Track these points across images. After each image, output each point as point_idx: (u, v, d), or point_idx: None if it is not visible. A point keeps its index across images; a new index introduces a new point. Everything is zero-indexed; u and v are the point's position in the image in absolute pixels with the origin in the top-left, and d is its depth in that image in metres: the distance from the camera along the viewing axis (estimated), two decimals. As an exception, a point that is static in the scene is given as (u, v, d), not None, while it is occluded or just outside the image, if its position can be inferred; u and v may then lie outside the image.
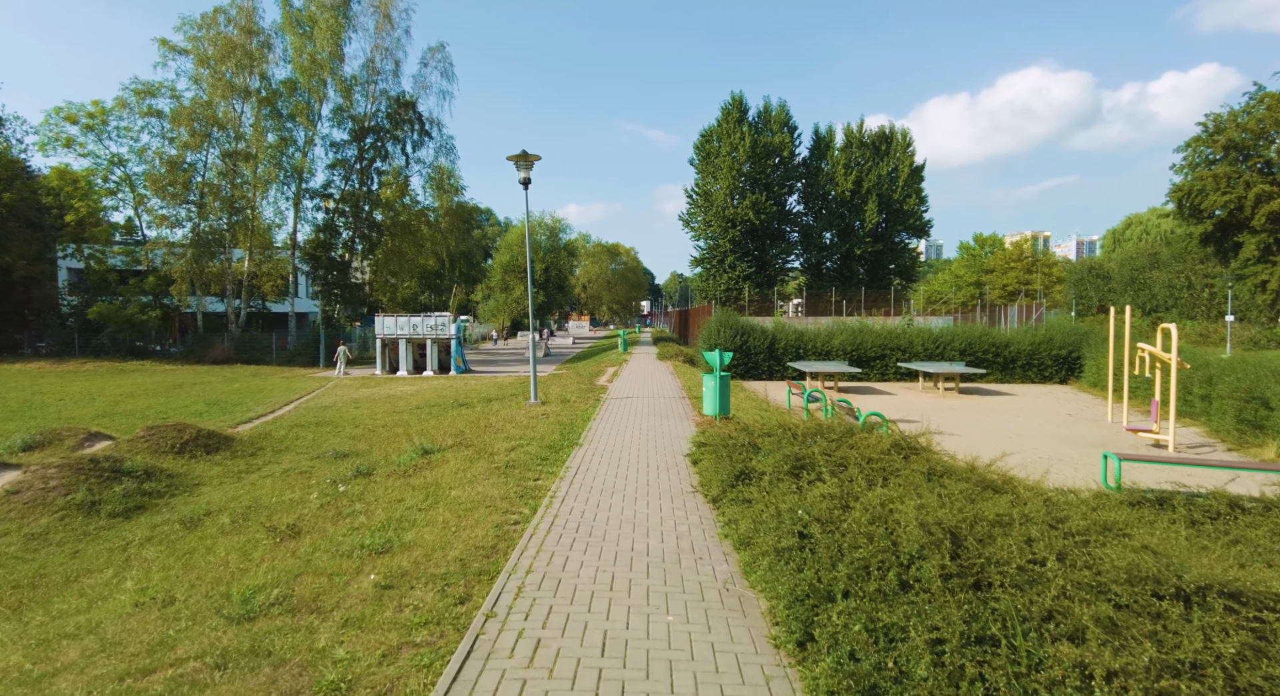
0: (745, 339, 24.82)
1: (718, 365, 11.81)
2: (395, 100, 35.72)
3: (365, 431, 17.56)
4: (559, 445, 9.91)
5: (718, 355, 11.84)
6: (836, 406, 14.54)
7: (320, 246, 36.56)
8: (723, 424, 11.71)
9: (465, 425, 14.49)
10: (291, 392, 26.13)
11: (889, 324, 26.98)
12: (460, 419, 16.52)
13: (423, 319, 30.99)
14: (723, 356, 11.88)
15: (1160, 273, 45.95)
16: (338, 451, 14.02)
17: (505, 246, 56.57)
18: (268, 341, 35.64)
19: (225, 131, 33.69)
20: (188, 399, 24.18)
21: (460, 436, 11.81)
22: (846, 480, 6.20)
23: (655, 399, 15.56)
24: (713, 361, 11.94)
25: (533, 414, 13.32)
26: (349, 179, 35.67)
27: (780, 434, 7.96)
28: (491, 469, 8.54)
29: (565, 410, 13.57)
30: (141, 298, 33.93)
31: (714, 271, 52.54)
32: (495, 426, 12.12)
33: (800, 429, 8.28)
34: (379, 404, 22.73)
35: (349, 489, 9.23)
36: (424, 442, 11.31)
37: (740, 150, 51.08)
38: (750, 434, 8.35)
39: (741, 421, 11.62)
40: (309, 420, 20.19)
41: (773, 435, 8.01)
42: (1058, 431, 15.41)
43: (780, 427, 8.33)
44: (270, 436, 17.91)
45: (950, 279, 66.08)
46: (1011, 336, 24.94)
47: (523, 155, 14.38)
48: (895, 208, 53.46)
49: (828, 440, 7.49)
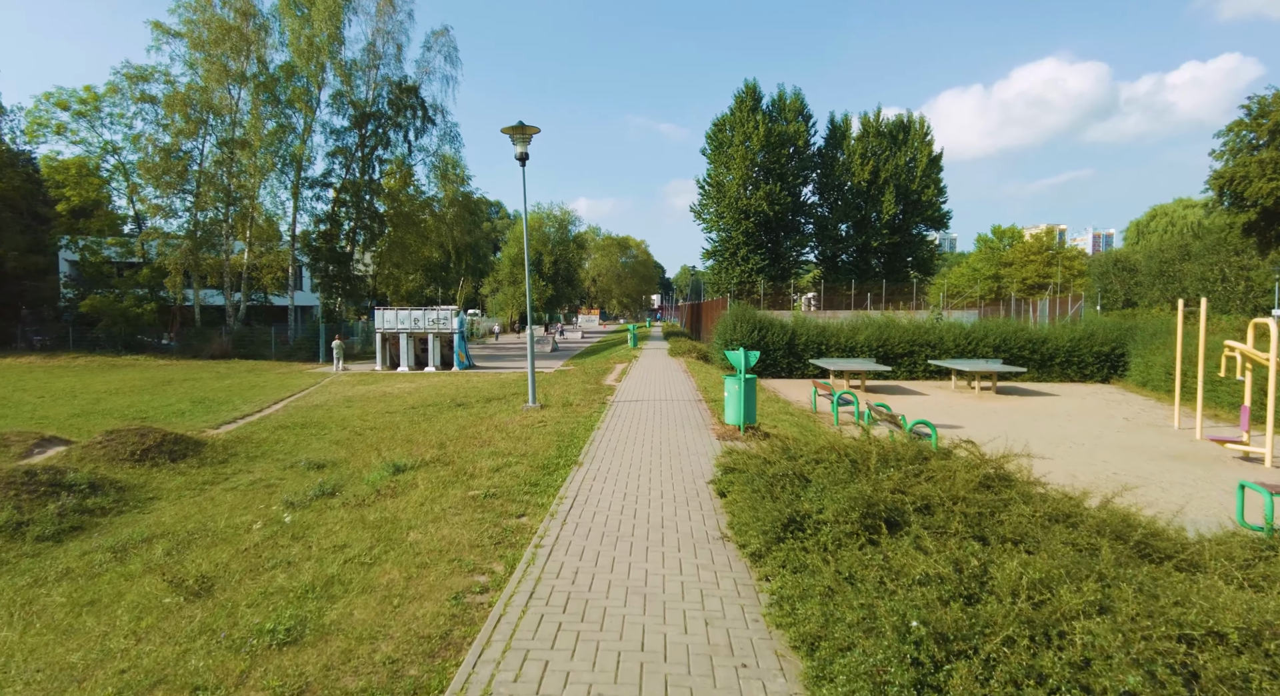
0: (763, 334, 22.93)
1: (742, 366, 9.98)
2: (397, 85, 33.91)
3: (351, 435, 15.93)
4: (554, 464, 8.12)
5: (742, 355, 10.00)
6: (874, 411, 12.66)
7: (321, 237, 34.90)
8: (749, 436, 9.89)
9: (455, 431, 12.74)
10: (284, 390, 24.52)
11: (916, 318, 24.99)
12: (452, 423, 14.80)
13: (424, 313, 29.29)
14: (748, 356, 10.05)
15: (1192, 265, 43.58)
16: (311, 461, 12.31)
17: (514, 239, 54.77)
18: (267, 335, 34.08)
19: (221, 118, 32.04)
20: (173, 396, 22.59)
21: (442, 449, 10.05)
22: (948, 539, 4.37)
23: (668, 402, 13.73)
24: (736, 362, 10.10)
25: (529, 420, 11.54)
26: (350, 167, 33.96)
27: (833, 459, 6.13)
28: (467, 499, 6.76)
29: (566, 416, 11.77)
30: (137, 290, 32.42)
31: (726, 264, 50.56)
32: (483, 437, 10.34)
33: (854, 450, 6.45)
34: (373, 403, 21.09)
35: (299, 518, 7.49)
36: (398, 457, 9.58)
37: (754, 139, 49.02)
38: (791, 456, 6.52)
39: (774, 435, 9.80)
40: (296, 421, 18.57)
41: (823, 461, 6.18)
42: (1121, 439, 13.47)
43: (830, 449, 6.50)
44: (249, 440, 16.29)
45: (968, 272, 63.73)
46: (1049, 332, 22.92)
47: (519, 127, 12.56)
48: (913, 199, 51.27)
49: (899, 472, 5.65)
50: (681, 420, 11.50)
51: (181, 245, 31.14)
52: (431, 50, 34.90)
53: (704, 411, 12.59)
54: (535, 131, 12.72)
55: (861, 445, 6.74)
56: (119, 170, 32.57)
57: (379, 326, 29.47)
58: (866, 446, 6.70)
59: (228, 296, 34.42)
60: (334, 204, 34.50)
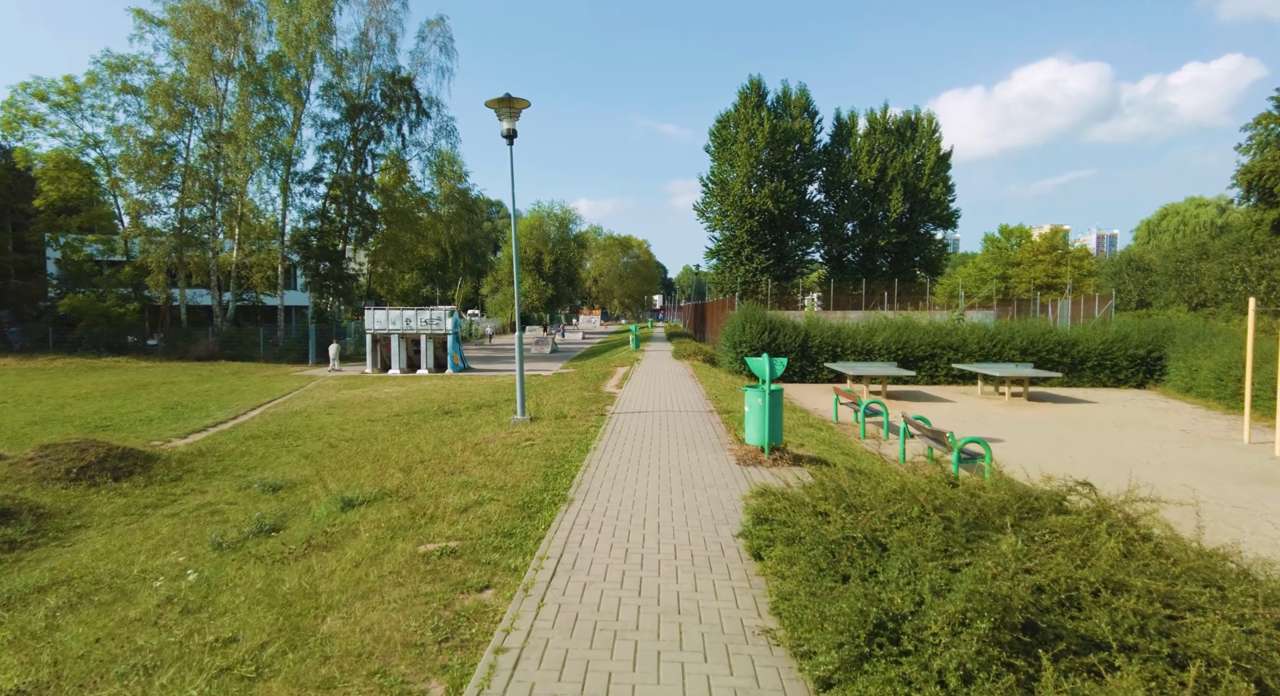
0: (774, 336, 21.17)
1: (767, 376, 8.22)
2: (390, 77, 32.17)
3: (325, 448, 14.27)
4: (537, 502, 6.38)
5: (766, 363, 8.25)
6: (911, 426, 10.90)
7: (312, 235, 33.19)
8: (777, 461, 8.14)
9: (431, 450, 11.00)
10: (266, 394, 22.83)
11: (936, 319, 23.23)
12: (433, 436, 13.09)
13: (416, 313, 27.57)
14: (773, 364, 8.30)
15: (1210, 264, 41.71)
16: (267, 483, 10.60)
17: (513, 238, 52.97)
18: (256, 336, 32.36)
19: (207, 110, 30.33)
20: (145, 402, 20.90)
21: (407, 476, 8.31)
22: (1132, 665, 2.64)
23: (675, 413, 11.97)
24: (759, 370, 8.36)
25: (515, 437, 9.79)
26: (341, 162, 32.24)
27: (914, 514, 4.38)
28: (417, 558, 5.02)
29: (558, 432, 10.02)
30: (120, 290, 30.70)
31: (730, 263, 48.79)
32: (457, 460, 8.59)
33: (936, 497, 4.71)
34: (356, 409, 19.40)
35: (207, 576, 5.76)
36: (363, 479, 7.89)
37: (759, 136, 47.25)
38: (850, 506, 4.77)
39: (805, 457, 8.05)
40: (270, 430, 16.91)
41: (896, 514, 4.43)
42: (1189, 456, 11.71)
43: (903, 494, 4.75)
44: (213, 452, 14.60)
45: (975, 272, 61.89)
46: (1079, 334, 21.15)
47: (505, 100, 10.82)
48: (921, 197, 49.49)
49: (1015, 537, 3.90)
50: (692, 436, 9.74)
51: (164, 242, 29.42)
52: (426, 41, 33.20)
53: (717, 425, 10.84)
54: (524, 105, 10.99)
55: (938, 488, 4.99)
56: (100, 164, 30.84)
57: (369, 327, 27.76)
58: (947, 491, 4.95)
59: (215, 296, 32.70)
60: (325, 200, 32.79)
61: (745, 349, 21.21)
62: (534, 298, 51.03)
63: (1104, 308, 25.18)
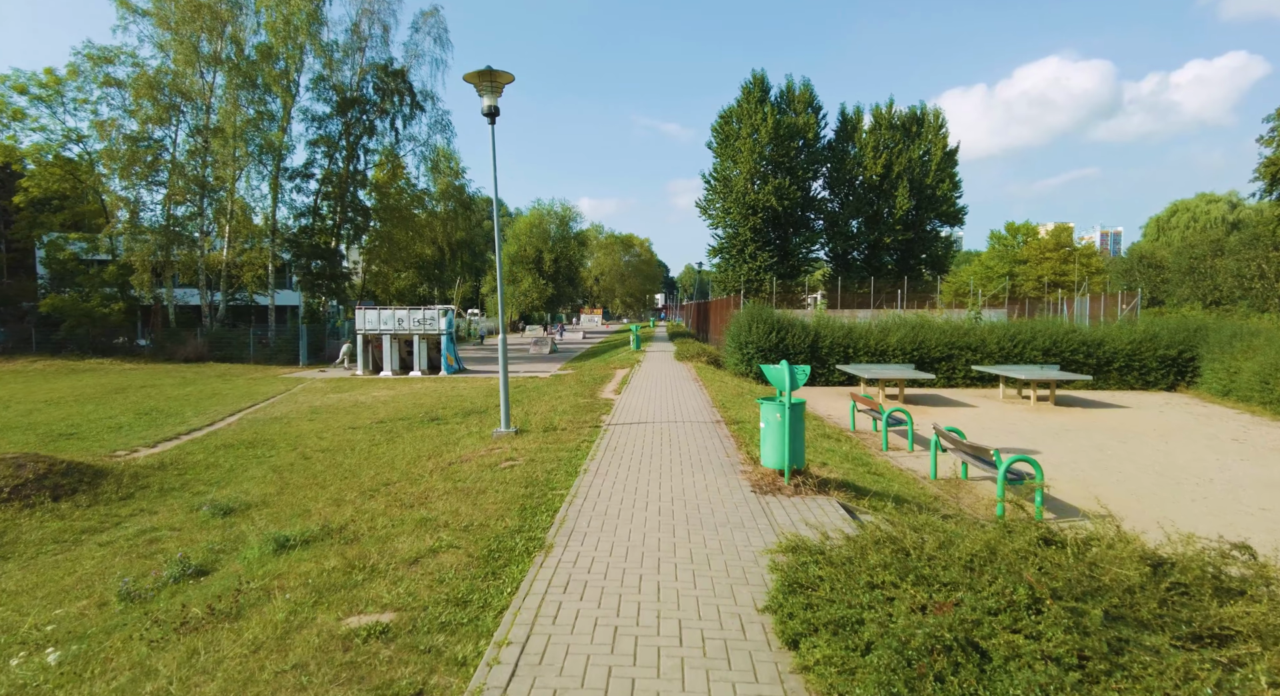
0: (783, 336, 19.83)
1: (787, 385, 6.89)
2: (383, 69, 30.83)
3: (296, 460, 13.03)
4: (506, 550, 5.05)
5: (786, 372, 6.91)
6: (944, 439, 9.55)
7: (303, 232, 31.90)
8: (800, 487, 6.81)
9: (403, 467, 9.70)
10: (249, 398, 21.60)
11: (952, 318, 21.87)
12: (410, 448, 11.81)
13: (409, 313, 26.28)
14: (794, 373, 6.96)
15: (1226, 261, 40.26)
16: (217, 505, 9.34)
17: (513, 236, 51.64)
18: (246, 337, 31.08)
19: (193, 103, 29.02)
20: (119, 407, 19.65)
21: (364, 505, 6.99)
22: None
23: (679, 425, 10.64)
24: (777, 380, 7.03)
25: (494, 456, 8.46)
26: (333, 157, 30.93)
27: (1018, 595, 3.05)
28: (333, 644, 3.69)
29: (545, 448, 8.69)
30: (105, 289, 29.44)
31: (733, 261, 47.41)
32: (422, 488, 7.25)
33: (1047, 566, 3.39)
34: (339, 415, 18.16)
35: (73, 653, 4.45)
36: (292, 525, 6.56)
37: (762, 132, 45.83)
38: (920, 577, 3.45)
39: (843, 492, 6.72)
40: (245, 438, 15.70)
41: (994, 597, 3.10)
42: (1254, 472, 10.35)
43: (1000, 564, 3.42)
44: (178, 464, 13.37)
45: (980, 270, 60.39)
46: (1105, 333, 19.78)
47: (487, 73, 9.48)
48: (927, 193, 48.05)
49: (1182, 639, 2.57)
50: (699, 455, 8.41)
51: (149, 240, 28.13)
52: (420, 32, 31.85)
53: (726, 439, 9.50)
54: (508, 80, 9.66)
55: (1041, 553, 3.65)
56: (84, 159, 29.53)
57: (359, 327, 26.47)
58: (1048, 554, 3.62)
59: (203, 295, 31.42)
60: (316, 197, 31.48)
61: (751, 350, 19.88)
62: (534, 296, 49.70)
63: (1129, 305, 23.77)
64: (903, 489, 8.45)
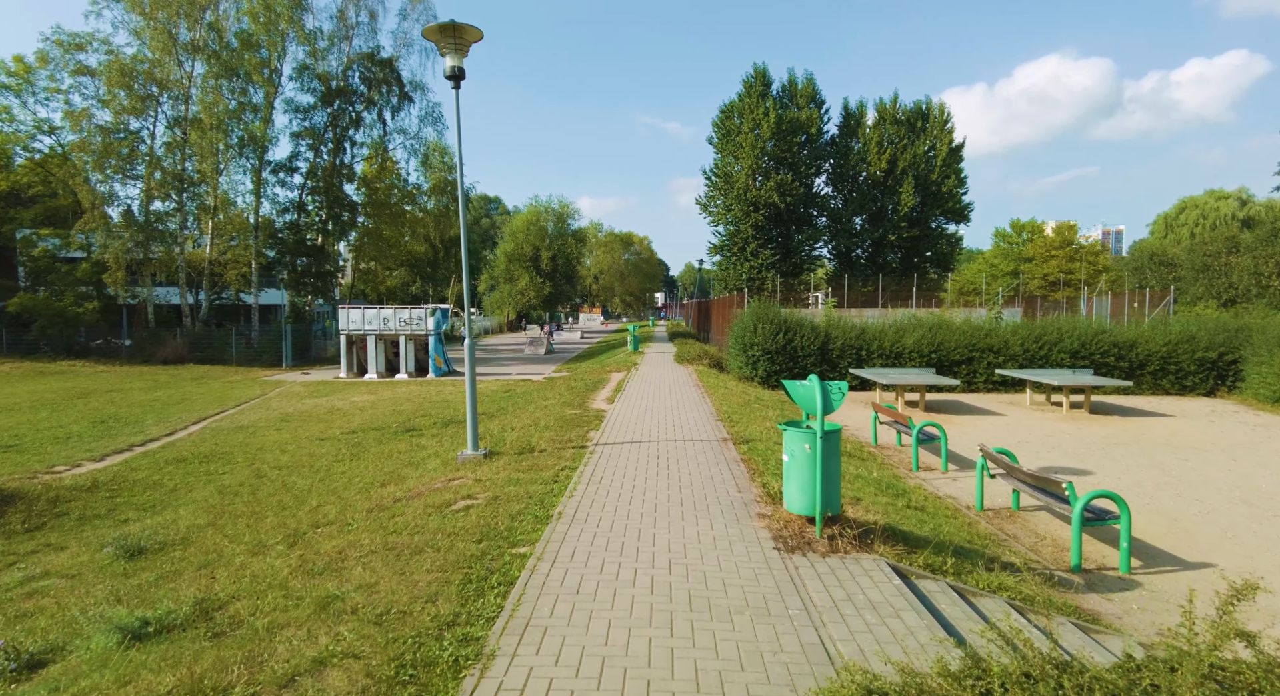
0: (790, 338, 18.18)
1: (819, 408, 5.23)
2: (369, 58, 29.14)
3: (247, 480, 11.43)
4: (425, 661, 3.39)
5: (818, 391, 5.26)
6: (993, 462, 7.89)
7: (289, 228, 30.23)
8: (833, 541, 5.15)
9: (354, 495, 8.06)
10: (220, 403, 19.98)
11: (971, 318, 20.21)
12: (371, 468, 10.22)
13: (395, 312, 24.63)
14: (828, 391, 5.31)
15: (1242, 258, 38.54)
16: (126, 545, 7.70)
17: (510, 234, 49.88)
18: (228, 337, 29.44)
19: (171, 94, 27.34)
20: (75, 414, 18.03)
21: (272, 561, 5.34)
22: None
23: (678, 444, 8.99)
24: (806, 400, 5.39)
25: (451, 490, 6.80)
26: (319, 150, 29.25)
27: None
28: None
29: (515, 480, 7.03)
30: (80, 287, 27.79)
31: (735, 259, 45.74)
32: (345, 544, 5.56)
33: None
34: (311, 424, 16.56)
35: None
36: (159, 604, 4.90)
37: (764, 126, 44.14)
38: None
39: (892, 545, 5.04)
40: (202, 450, 14.09)
41: None
42: (1353, 499, 8.68)
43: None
44: (114, 483, 11.75)
45: (985, 268, 58.67)
46: (1138, 334, 18.12)
47: (450, 28, 7.81)
48: (932, 190, 46.36)
49: None
50: (703, 488, 6.75)
51: (124, 236, 26.47)
52: (409, 19, 30.12)
53: (735, 463, 7.85)
54: (475, 37, 8.00)
55: None
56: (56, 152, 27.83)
57: (343, 327, 24.81)
58: None
59: (183, 294, 29.75)
60: (301, 191, 29.80)
61: (757, 352, 18.23)
62: (531, 295, 47.99)
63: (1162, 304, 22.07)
64: (952, 530, 6.79)
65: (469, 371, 8.36)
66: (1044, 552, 6.90)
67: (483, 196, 76.02)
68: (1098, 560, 6.65)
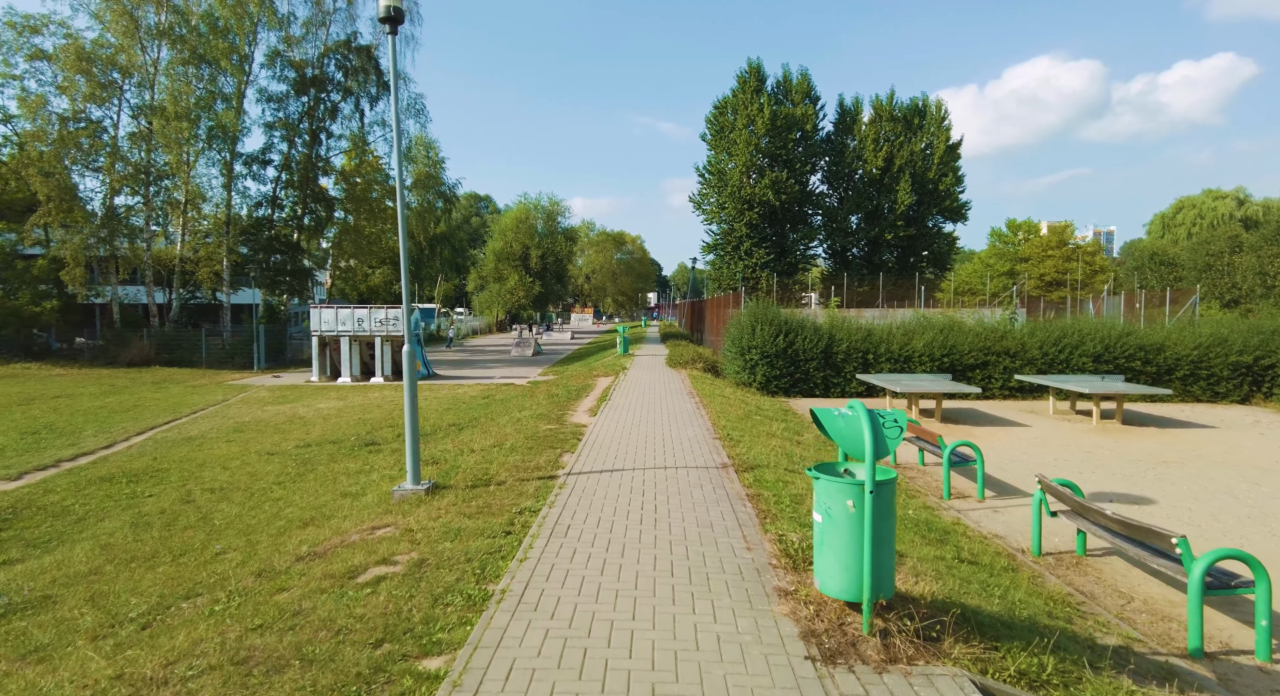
0: (791, 340, 16.56)
1: (870, 447, 3.58)
2: (345, 44, 27.35)
3: (170, 507, 9.77)
4: None
5: (866, 424, 3.62)
6: (1064, 500, 6.27)
7: (263, 224, 28.42)
8: (886, 639, 3.49)
9: (261, 544, 6.37)
10: (175, 410, 18.21)
11: (985, 320, 18.66)
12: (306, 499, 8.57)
13: (370, 311, 22.87)
14: (880, 425, 3.66)
15: (1246, 257, 37.27)
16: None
17: (499, 232, 48.11)
18: (198, 339, 27.61)
19: (132, 79, 25.48)
20: (9, 423, 16.32)
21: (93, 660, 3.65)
22: None
23: (669, 473, 7.34)
24: (849, 439, 3.75)
25: (366, 550, 5.10)
26: (293, 142, 27.44)
27: None
28: None
29: (458, 528, 5.35)
30: (39, 285, 25.90)
31: (729, 258, 44.18)
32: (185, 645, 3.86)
33: None
34: (265, 434, 14.87)
35: None
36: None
37: (758, 123, 42.60)
38: None
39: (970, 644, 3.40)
40: (134, 468, 12.38)
41: None
42: None
43: None
44: (18, 507, 10.12)
45: (980, 268, 57.29)
46: (1165, 337, 16.60)
47: (382, -45, 6.11)
48: (929, 188, 44.92)
49: None
50: (700, 547, 5.09)
51: (83, 231, 24.61)
52: (390, 6, 28.29)
53: (739, 503, 6.21)
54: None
55: None
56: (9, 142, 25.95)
57: (315, 328, 23.04)
58: None
59: (150, 293, 27.90)
60: (275, 184, 27.98)
61: (755, 356, 16.61)
62: (520, 295, 46.25)
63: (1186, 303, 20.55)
64: (1023, 597, 5.16)
65: (408, 384, 6.71)
66: (1139, 622, 5.29)
67: (473, 194, 74.15)
68: (1218, 637, 5.04)
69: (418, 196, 32.66)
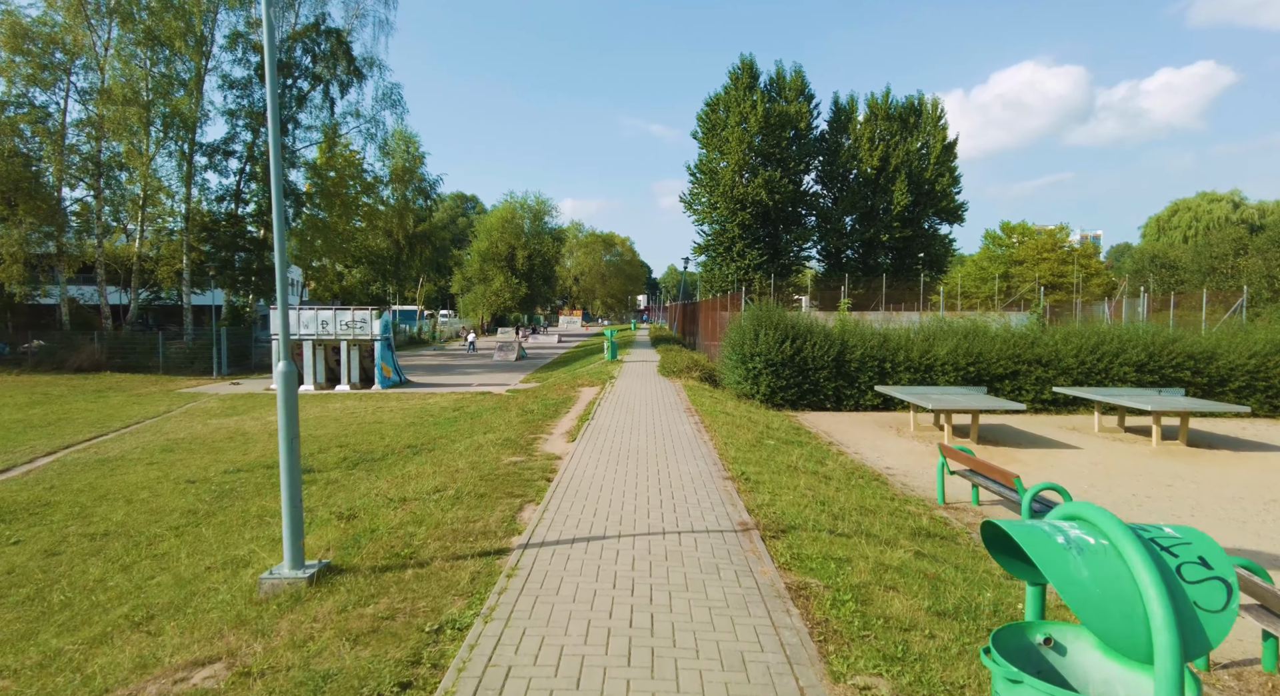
0: (800, 346, 14.43)
1: (1173, 647, 1.38)
2: (314, 27, 25.02)
3: (25, 562, 7.54)
4: None
5: (1155, 586, 1.43)
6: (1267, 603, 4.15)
7: (229, 220, 26.02)
8: None
9: (88, 643, 4.11)
10: (103, 425, 15.84)
11: (1010, 324, 16.63)
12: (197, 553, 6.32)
13: (335, 313, 20.56)
14: (1171, 574, 1.48)
15: (1250, 260, 35.59)
16: None
17: (484, 231, 45.75)
18: (155, 342, 25.16)
19: (80, 61, 23.05)
20: (-104, 442, 13.80)
21: None
22: None
23: (666, 542, 5.15)
24: (1108, 616, 1.54)
25: None
26: (258, 132, 25.05)
27: None
28: None
29: (316, 681, 3.07)
30: (-25, 285, 23.42)
31: (720, 259, 42.13)
32: None
33: None
34: (196, 454, 12.60)
35: None
36: None
37: (751, 120, 40.60)
38: None
39: None
40: (20, 499, 10.17)
41: None
42: None
43: None
44: None
45: (974, 271, 55.59)
46: (1216, 344, 14.62)
47: None
48: (925, 188, 43.10)
49: None
50: None
51: (21, 224, 22.12)
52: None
53: (776, 603, 4.06)
54: None
55: None
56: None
57: (274, 331, 20.65)
58: None
59: (102, 294, 25.41)
60: (239, 177, 25.59)
61: (759, 363, 14.46)
62: (506, 296, 43.96)
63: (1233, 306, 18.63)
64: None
65: (283, 415, 4.48)
66: None
67: (459, 194, 71.67)
68: None
69: (396, 192, 30.32)
